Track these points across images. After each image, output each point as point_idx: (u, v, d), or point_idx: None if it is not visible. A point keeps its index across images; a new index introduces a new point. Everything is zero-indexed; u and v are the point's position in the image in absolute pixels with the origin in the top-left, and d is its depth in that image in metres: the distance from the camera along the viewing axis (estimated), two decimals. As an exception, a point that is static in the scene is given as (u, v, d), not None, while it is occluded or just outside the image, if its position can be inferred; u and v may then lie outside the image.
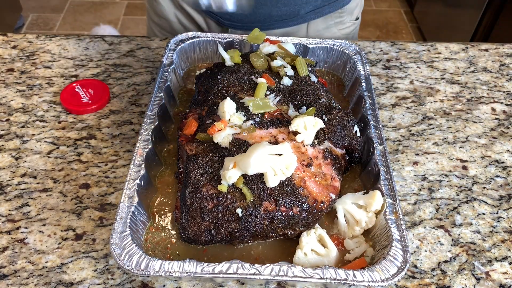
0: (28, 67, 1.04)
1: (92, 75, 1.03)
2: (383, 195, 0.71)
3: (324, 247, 0.68)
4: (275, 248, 0.71)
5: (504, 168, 0.88)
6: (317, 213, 0.69)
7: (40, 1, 3.33)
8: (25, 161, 0.85)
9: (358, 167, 0.82)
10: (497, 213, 0.80)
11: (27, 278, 0.69)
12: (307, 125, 0.71)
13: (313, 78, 0.85)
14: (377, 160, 0.75)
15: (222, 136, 0.71)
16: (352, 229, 0.71)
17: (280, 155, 0.66)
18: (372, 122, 0.82)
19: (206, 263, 0.62)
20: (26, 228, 0.75)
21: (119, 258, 0.62)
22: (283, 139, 0.73)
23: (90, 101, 0.95)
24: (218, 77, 0.84)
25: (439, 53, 1.14)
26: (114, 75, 1.03)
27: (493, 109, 1.00)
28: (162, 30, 1.23)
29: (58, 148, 0.88)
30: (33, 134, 0.90)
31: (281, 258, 0.68)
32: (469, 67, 1.10)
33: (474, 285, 0.71)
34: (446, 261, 0.73)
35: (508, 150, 0.91)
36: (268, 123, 0.74)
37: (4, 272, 0.70)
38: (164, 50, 0.95)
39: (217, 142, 0.71)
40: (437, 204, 0.81)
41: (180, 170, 0.74)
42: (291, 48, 0.92)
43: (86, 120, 0.93)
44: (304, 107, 0.78)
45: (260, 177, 0.66)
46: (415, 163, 0.88)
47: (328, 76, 1.01)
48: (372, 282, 0.61)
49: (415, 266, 0.73)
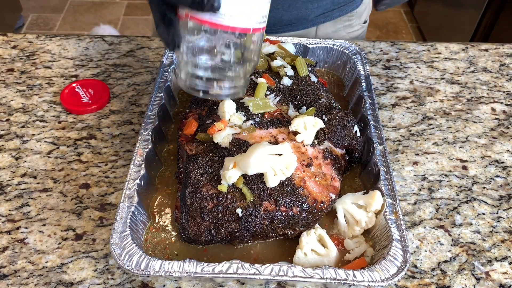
0: (28, 67, 1.04)
1: (92, 75, 1.03)
2: (383, 195, 0.71)
3: (324, 247, 0.68)
4: (275, 248, 0.71)
5: (504, 168, 0.88)
6: (317, 213, 0.69)
7: (40, 1, 3.33)
8: (25, 161, 0.85)
9: (358, 167, 0.82)
10: (497, 213, 0.80)
11: (27, 278, 0.69)
12: (307, 125, 0.71)
13: (313, 78, 0.85)
14: (377, 160, 0.76)
15: (222, 136, 0.71)
16: (352, 229, 0.71)
17: (280, 155, 0.66)
18: (372, 122, 0.82)
19: (206, 263, 0.62)
20: (26, 228, 0.75)
21: (119, 258, 0.62)
22: (283, 139, 0.73)
23: (90, 101, 0.95)
24: (218, 77, 0.84)
25: (439, 53, 1.14)
26: (114, 75, 1.03)
27: (493, 109, 1.00)
28: None
29: (58, 148, 0.88)
30: (33, 134, 0.90)
31: (281, 258, 0.68)
32: (469, 67, 1.10)
33: (474, 285, 0.71)
34: (446, 261, 0.73)
35: (508, 150, 0.91)
36: (268, 123, 0.74)
37: (4, 272, 0.70)
38: (164, 50, 0.95)
39: (217, 142, 0.71)
40: (437, 204, 0.81)
41: (180, 170, 0.74)
42: (291, 48, 0.92)
43: (86, 120, 0.93)
44: (304, 107, 0.78)
45: (260, 177, 0.67)
46: (415, 163, 0.88)
47: (328, 76, 1.01)
48: (372, 282, 0.61)
49: (415, 266, 0.73)
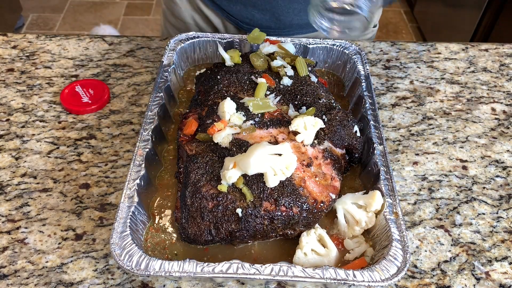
0: (28, 67, 1.04)
1: (92, 75, 1.03)
2: (383, 195, 0.71)
3: (324, 247, 0.68)
4: (275, 248, 0.71)
5: (504, 168, 0.88)
6: (317, 213, 0.69)
7: (40, 1, 3.33)
8: (25, 161, 0.85)
9: (358, 167, 0.82)
10: (497, 213, 0.80)
11: (27, 278, 0.69)
12: (307, 125, 0.71)
13: (313, 78, 0.85)
14: (377, 160, 0.75)
15: (222, 136, 0.71)
16: (352, 229, 0.71)
17: (280, 155, 0.67)
18: (372, 122, 0.82)
19: (206, 263, 0.62)
20: (26, 228, 0.75)
21: (119, 258, 0.62)
22: (283, 139, 0.73)
23: (90, 101, 0.95)
24: (218, 77, 0.84)
25: (439, 53, 1.14)
26: (114, 75, 1.03)
27: (493, 109, 1.00)
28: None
29: (58, 148, 0.88)
30: (33, 134, 0.90)
31: (281, 258, 0.68)
32: (469, 67, 1.10)
33: (474, 285, 0.71)
34: (446, 261, 0.73)
35: (508, 150, 0.91)
36: (268, 123, 0.74)
37: (4, 272, 0.70)
38: (164, 50, 0.95)
39: (217, 142, 0.71)
40: (437, 204, 0.81)
41: (180, 170, 0.74)
42: (291, 48, 0.92)
43: (86, 120, 0.93)
44: (304, 107, 0.78)
45: (260, 177, 0.67)
46: (415, 163, 0.88)
47: (328, 76, 1.01)
48: (372, 282, 0.61)
49: (415, 266, 0.73)
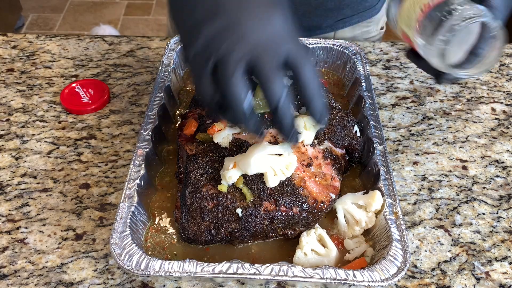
0: (28, 67, 1.04)
1: (92, 75, 1.03)
2: (383, 195, 0.71)
3: (324, 247, 0.68)
4: (275, 248, 0.71)
5: (504, 168, 0.88)
6: (317, 213, 0.69)
7: (40, 1, 3.33)
8: (25, 161, 0.85)
9: (358, 167, 0.82)
10: (497, 213, 0.80)
11: (27, 278, 0.69)
12: (307, 125, 0.71)
13: (313, 78, 0.85)
14: (377, 160, 0.75)
15: (222, 136, 0.71)
16: (352, 229, 0.71)
17: (280, 155, 0.67)
18: (372, 122, 0.82)
19: (206, 263, 0.62)
20: (26, 228, 0.75)
21: (119, 258, 0.62)
22: (283, 139, 0.72)
23: (90, 101, 0.95)
24: (218, 77, 0.83)
25: (439, 53, 1.13)
26: (114, 75, 1.03)
27: (493, 109, 1.00)
28: None
29: (58, 148, 0.88)
30: (33, 134, 0.90)
31: (281, 258, 0.68)
32: (469, 67, 1.10)
33: (474, 285, 0.71)
34: (446, 261, 0.73)
35: (508, 150, 0.91)
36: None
37: (4, 272, 0.70)
38: (164, 50, 0.95)
39: (217, 142, 0.71)
40: (437, 204, 0.81)
41: (180, 170, 0.74)
42: (291, 48, 0.92)
43: (86, 120, 0.93)
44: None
45: (260, 177, 0.67)
46: (415, 163, 0.88)
47: (328, 76, 1.01)
48: (372, 282, 0.61)
49: (415, 266, 0.73)
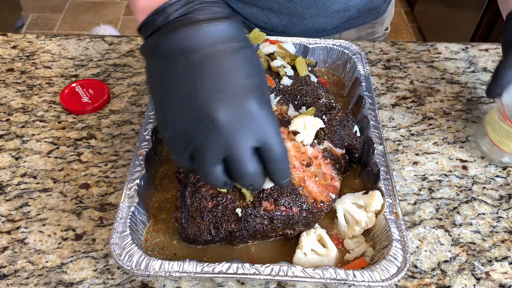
0: (28, 67, 1.04)
1: (92, 75, 1.03)
2: (383, 195, 0.71)
3: (324, 247, 0.68)
4: (275, 248, 0.71)
5: (504, 168, 0.88)
6: (317, 213, 0.69)
7: (40, 1, 3.33)
8: (25, 161, 0.85)
9: (358, 167, 0.82)
10: (497, 213, 0.80)
11: (27, 278, 0.69)
12: (307, 125, 0.71)
13: (313, 78, 0.85)
14: (377, 160, 0.75)
15: (222, 136, 0.71)
16: (352, 229, 0.71)
17: (280, 155, 0.66)
18: (372, 122, 0.82)
19: (206, 263, 0.62)
20: (26, 228, 0.75)
21: (119, 258, 0.62)
22: (283, 139, 0.72)
23: (90, 101, 0.95)
24: (218, 77, 0.83)
25: (439, 53, 1.14)
26: (114, 75, 1.03)
27: (493, 109, 0.99)
28: None
29: (58, 148, 0.88)
30: (33, 134, 0.90)
31: (281, 258, 0.68)
32: (469, 67, 1.10)
33: (474, 285, 0.71)
34: (446, 261, 0.73)
35: (508, 150, 0.91)
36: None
37: (4, 272, 0.70)
38: (164, 50, 0.95)
39: (217, 142, 0.71)
40: (437, 204, 0.81)
41: (180, 170, 0.74)
42: (291, 48, 0.92)
43: (86, 120, 0.93)
44: (304, 107, 0.78)
45: (260, 177, 0.66)
46: (415, 163, 0.88)
47: (328, 76, 1.01)
48: (372, 282, 0.61)
49: (415, 266, 0.73)
